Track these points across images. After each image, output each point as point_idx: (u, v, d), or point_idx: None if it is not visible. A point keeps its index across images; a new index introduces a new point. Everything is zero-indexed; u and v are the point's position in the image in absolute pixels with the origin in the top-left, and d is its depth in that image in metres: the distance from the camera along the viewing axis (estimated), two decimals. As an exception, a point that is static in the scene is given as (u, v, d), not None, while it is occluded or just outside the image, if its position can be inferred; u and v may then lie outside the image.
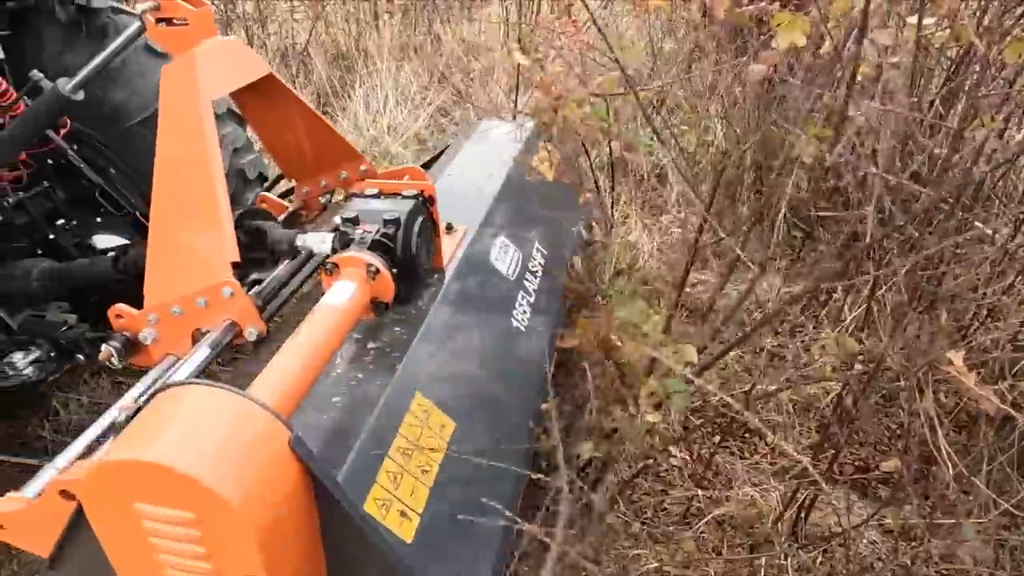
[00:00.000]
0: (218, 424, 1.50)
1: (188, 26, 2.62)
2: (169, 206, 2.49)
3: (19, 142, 3.06)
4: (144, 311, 2.39)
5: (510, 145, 3.58)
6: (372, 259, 2.20)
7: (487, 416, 2.35)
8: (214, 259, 2.34)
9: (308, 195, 3.28)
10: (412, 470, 2.01)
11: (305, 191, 3.26)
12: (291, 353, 1.89)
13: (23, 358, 2.91)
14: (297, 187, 3.30)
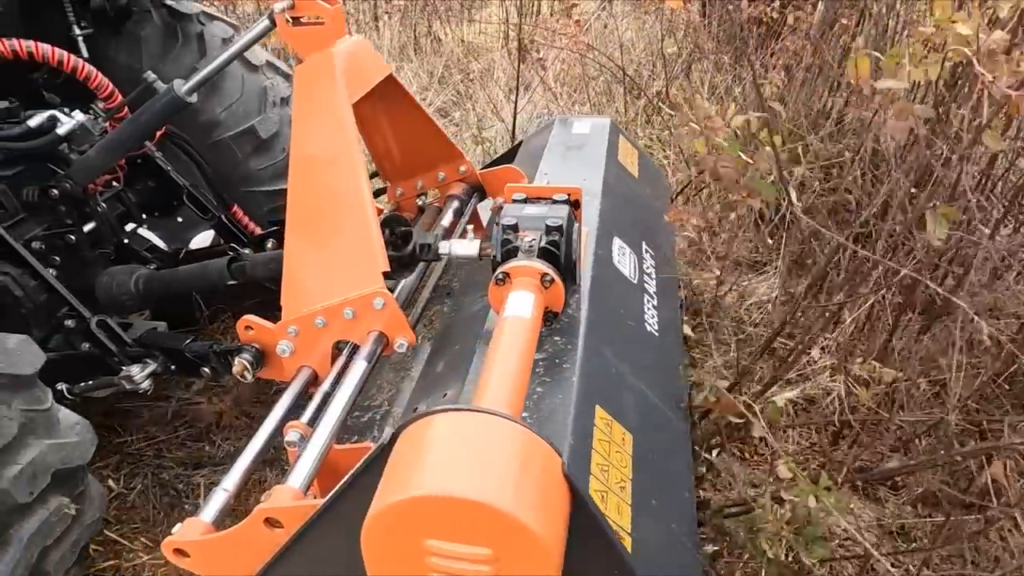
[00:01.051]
0: (505, 454, 1.38)
1: (324, 25, 2.48)
2: (309, 212, 2.37)
3: (131, 143, 2.99)
4: (282, 323, 2.27)
5: (594, 143, 3.47)
6: (546, 268, 2.09)
7: (653, 426, 2.25)
8: (364, 268, 2.22)
9: (403, 197, 3.15)
10: (613, 488, 1.90)
11: (400, 192, 3.14)
12: (503, 371, 1.77)
13: (140, 371, 2.79)
14: (391, 188, 3.17)
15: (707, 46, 7.13)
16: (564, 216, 2.21)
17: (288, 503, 1.75)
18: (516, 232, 2.19)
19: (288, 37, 2.57)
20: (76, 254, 3.09)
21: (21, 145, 2.92)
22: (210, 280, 2.98)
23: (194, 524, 1.86)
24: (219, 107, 3.65)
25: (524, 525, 1.26)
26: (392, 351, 2.25)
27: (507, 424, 1.41)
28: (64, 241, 3.07)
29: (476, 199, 3.23)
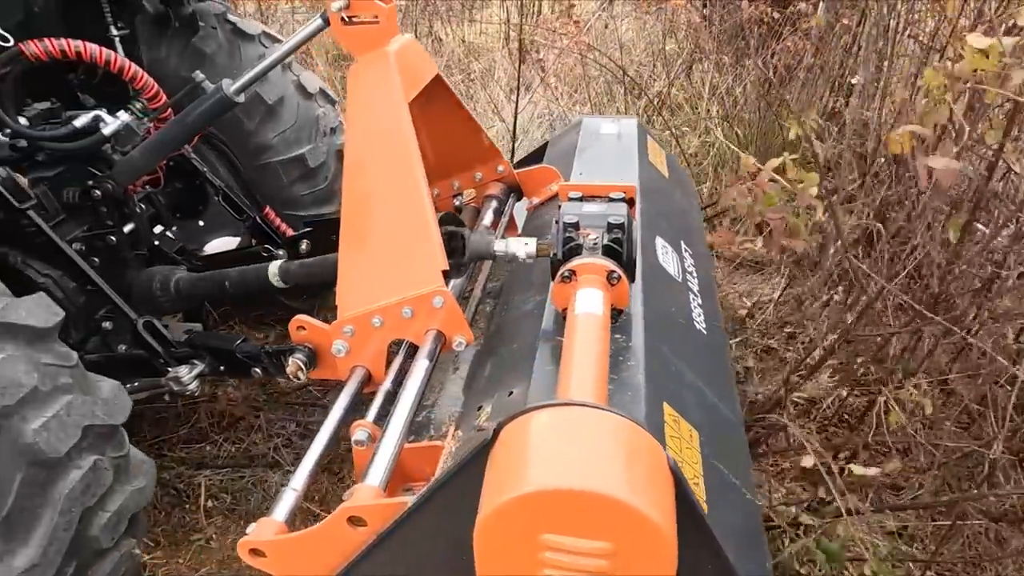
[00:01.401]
0: (616, 447, 1.39)
1: (378, 24, 2.49)
2: (366, 211, 2.38)
3: (176, 143, 3.03)
4: (338, 323, 2.27)
5: (625, 143, 3.49)
6: (613, 265, 2.10)
7: (714, 424, 2.26)
8: (423, 267, 2.23)
9: (439, 197, 3.15)
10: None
11: (436, 192, 3.13)
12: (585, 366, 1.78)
13: (188, 373, 2.80)
14: (427, 189, 3.18)
15: (708, 46, 7.18)
16: (624, 214, 2.22)
17: (372, 501, 1.75)
18: (577, 230, 2.20)
19: (341, 36, 2.58)
20: (116, 255, 3.11)
21: (67, 146, 2.94)
22: (259, 283, 3.00)
23: (268, 524, 1.87)
24: (272, 132, 3.75)
25: (647, 517, 1.28)
26: (450, 350, 2.26)
27: (614, 417, 1.43)
28: (104, 242, 3.08)
29: (514, 199, 3.24)
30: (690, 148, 6.49)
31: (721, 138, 6.45)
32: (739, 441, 2.36)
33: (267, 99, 3.76)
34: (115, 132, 3.00)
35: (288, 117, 3.81)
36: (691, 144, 6.55)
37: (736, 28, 7.14)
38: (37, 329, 2.16)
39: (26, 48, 2.88)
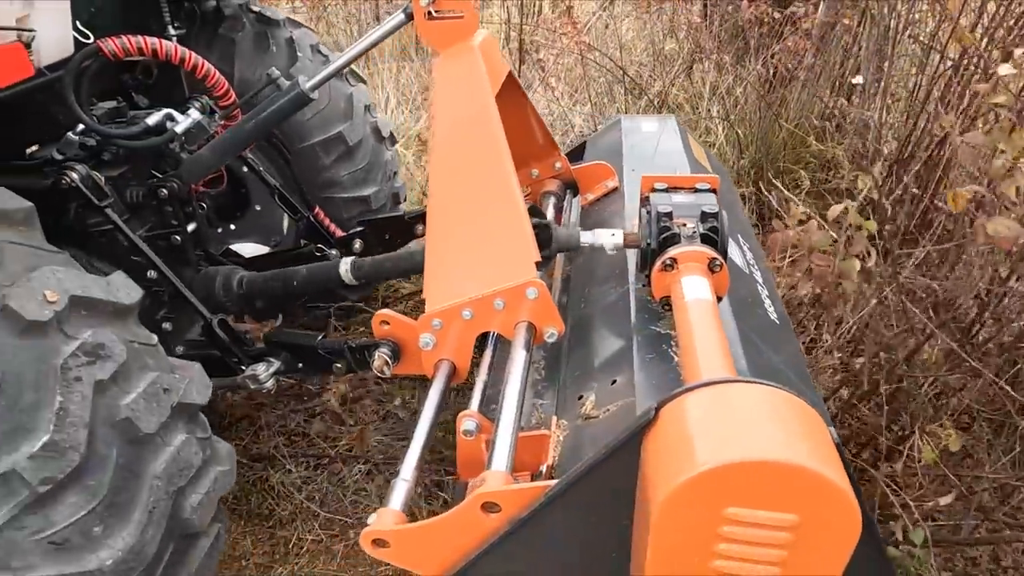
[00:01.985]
0: (790, 421, 1.43)
1: (463, 19, 2.54)
2: (456, 204, 2.41)
3: (248, 140, 3.09)
4: (426, 317, 2.27)
5: (669, 140, 3.56)
6: (714, 253, 2.15)
7: None
8: (516, 258, 2.24)
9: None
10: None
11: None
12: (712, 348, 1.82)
13: (266, 370, 2.83)
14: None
15: (708, 46, 7.27)
16: (716, 203, 2.28)
17: (507, 486, 1.77)
18: (671, 219, 2.25)
19: (425, 31, 2.63)
20: (180, 255, 3.16)
21: (139, 143, 2.97)
22: (328, 280, 3.03)
23: (387, 514, 1.88)
24: (309, 112, 3.74)
25: (834, 484, 1.31)
26: (541, 340, 2.27)
27: (779, 391, 1.47)
28: (168, 242, 3.13)
29: (570, 195, 3.29)
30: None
31: (722, 138, 6.53)
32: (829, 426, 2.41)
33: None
34: (186, 130, 3.02)
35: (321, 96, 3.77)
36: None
37: (736, 28, 7.23)
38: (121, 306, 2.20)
39: (104, 45, 2.89)
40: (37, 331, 1.93)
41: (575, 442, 2.05)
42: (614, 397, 2.09)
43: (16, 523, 1.84)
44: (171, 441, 2.16)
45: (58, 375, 1.93)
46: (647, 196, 2.44)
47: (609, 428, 1.99)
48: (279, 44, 3.87)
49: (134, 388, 2.09)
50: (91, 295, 2.10)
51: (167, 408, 2.15)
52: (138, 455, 2.06)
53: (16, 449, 1.84)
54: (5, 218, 2.12)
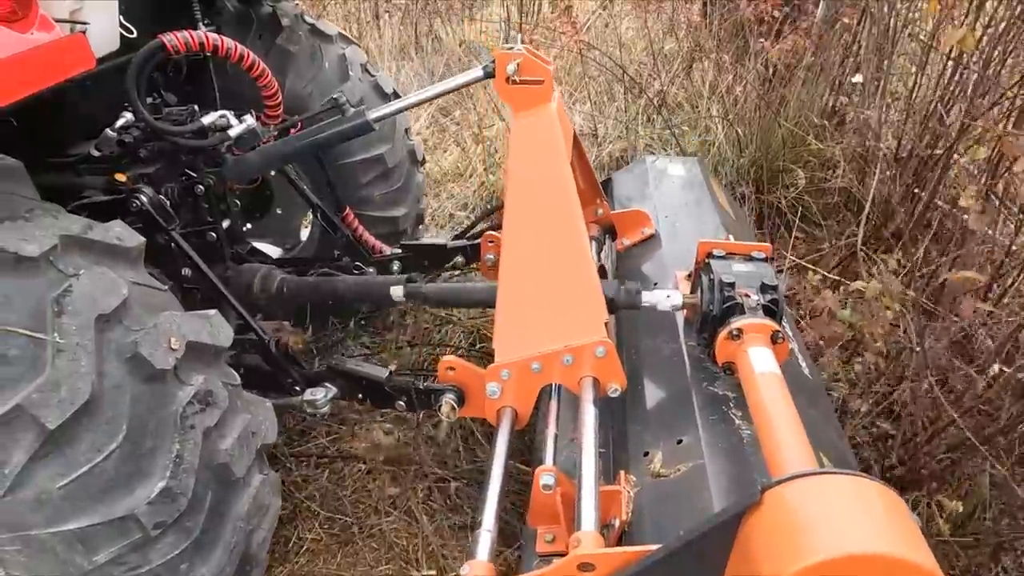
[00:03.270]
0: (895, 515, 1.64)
1: (542, 85, 2.74)
2: (529, 260, 2.66)
3: (300, 155, 3.32)
4: (495, 367, 2.50)
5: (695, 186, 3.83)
6: (778, 326, 2.41)
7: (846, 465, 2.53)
8: (588, 317, 2.49)
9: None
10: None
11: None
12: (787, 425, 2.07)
13: (324, 397, 2.98)
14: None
15: (707, 45, 7.46)
16: (774, 275, 2.55)
17: (604, 550, 1.98)
18: (734, 289, 2.51)
19: (505, 94, 2.86)
20: (215, 251, 3.30)
21: (193, 143, 3.09)
22: (376, 297, 3.27)
23: (478, 566, 2.06)
24: None
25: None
26: (604, 394, 2.50)
27: (876, 484, 1.68)
28: (204, 239, 3.26)
29: (610, 240, 3.56)
30: (690, 147, 6.75)
31: (721, 137, 6.74)
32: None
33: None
34: (240, 135, 3.14)
35: None
36: (691, 143, 6.82)
37: (736, 27, 7.42)
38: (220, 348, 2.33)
39: (167, 40, 2.92)
40: (160, 378, 2.06)
41: (648, 500, 2.28)
42: (682, 457, 2.34)
43: (118, 560, 1.96)
44: (252, 482, 2.32)
45: (176, 423, 2.07)
46: (707, 262, 2.68)
47: (682, 489, 2.24)
48: (331, 60, 4.00)
49: (231, 433, 2.23)
50: (201, 340, 2.23)
51: (254, 451, 2.30)
52: (226, 497, 2.20)
53: (133, 493, 1.97)
54: (126, 256, 2.25)
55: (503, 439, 2.48)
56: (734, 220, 3.81)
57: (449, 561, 3.49)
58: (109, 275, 2.09)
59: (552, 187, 2.71)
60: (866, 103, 6.65)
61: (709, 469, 2.24)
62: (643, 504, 2.28)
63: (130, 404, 1.99)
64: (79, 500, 1.90)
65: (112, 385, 1.97)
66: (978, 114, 4.36)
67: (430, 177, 6.61)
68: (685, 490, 2.23)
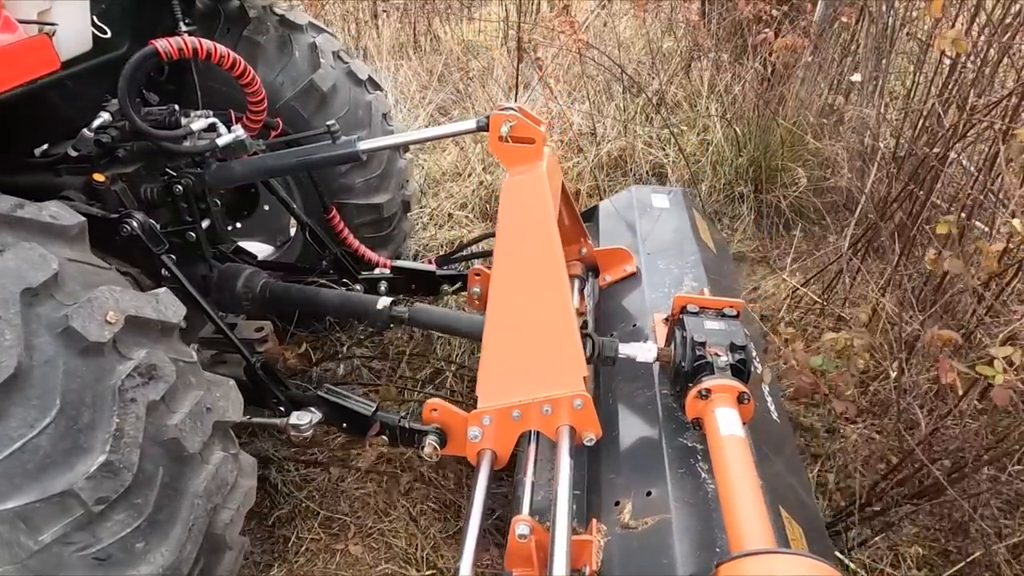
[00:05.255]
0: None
1: (534, 145, 2.88)
2: (514, 315, 2.82)
3: (284, 172, 3.45)
4: (478, 412, 2.69)
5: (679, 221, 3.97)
6: (744, 387, 2.56)
7: (806, 517, 2.69)
8: (567, 371, 2.66)
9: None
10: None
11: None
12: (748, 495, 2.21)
13: (309, 422, 3.07)
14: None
15: (706, 44, 7.54)
16: (743, 334, 2.69)
17: None
18: (705, 348, 2.66)
19: (498, 151, 2.97)
20: (194, 251, 3.38)
21: (180, 148, 3.16)
22: (360, 313, 3.40)
23: None
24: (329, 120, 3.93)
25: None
26: (580, 443, 2.68)
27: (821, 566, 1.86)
28: (183, 239, 3.34)
29: (592, 277, 3.72)
30: (688, 146, 6.87)
31: (720, 136, 6.85)
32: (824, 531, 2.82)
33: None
34: (227, 144, 3.19)
35: (341, 104, 4.05)
36: (689, 142, 6.95)
37: (734, 26, 7.49)
38: (166, 325, 2.31)
39: (160, 46, 2.92)
40: (96, 352, 2.03)
41: (616, 552, 2.43)
42: (651, 510, 2.49)
43: (65, 539, 1.92)
44: (210, 459, 2.30)
45: (115, 396, 2.03)
46: (680, 318, 2.83)
47: (648, 543, 2.39)
48: (302, 49, 3.98)
49: (181, 408, 2.20)
50: (144, 315, 2.21)
51: (209, 427, 2.28)
52: (181, 473, 2.19)
53: (72, 468, 1.93)
54: (62, 234, 2.23)
55: (482, 481, 2.65)
56: (715, 255, 3.94)
57: (448, 562, 3.60)
58: (38, 251, 2.05)
59: (539, 244, 2.85)
60: (864, 102, 6.74)
61: (675, 525, 2.39)
62: (611, 555, 2.44)
63: (63, 378, 1.96)
64: (15, 477, 1.87)
65: (43, 360, 1.95)
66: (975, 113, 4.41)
67: (430, 176, 6.75)
68: (651, 545, 2.39)
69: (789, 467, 2.86)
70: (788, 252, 5.76)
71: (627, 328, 3.36)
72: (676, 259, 3.67)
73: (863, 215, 5.01)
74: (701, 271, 3.57)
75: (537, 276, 2.83)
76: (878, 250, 5.16)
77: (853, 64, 7.11)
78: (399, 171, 4.50)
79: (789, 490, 2.72)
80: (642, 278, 3.62)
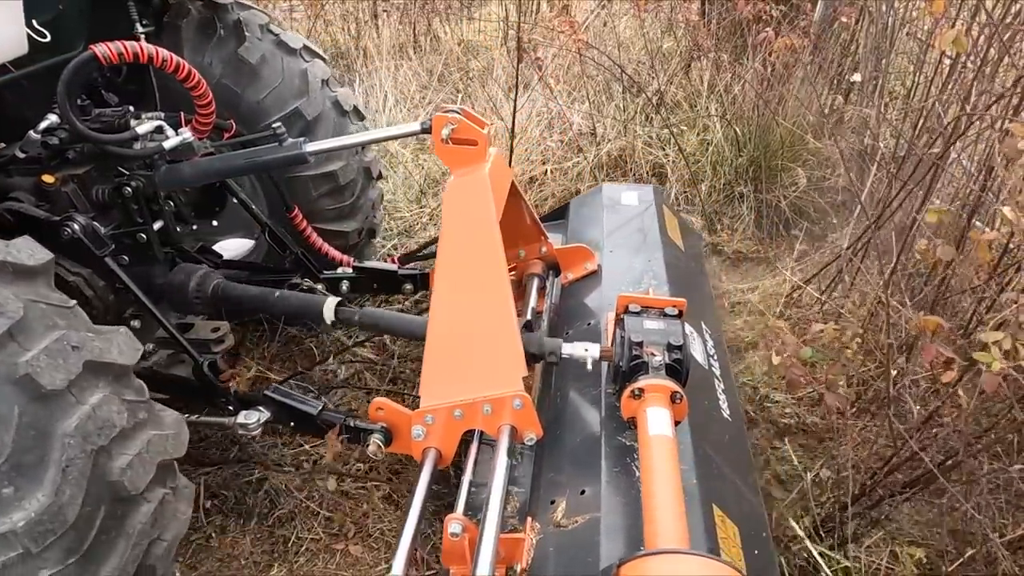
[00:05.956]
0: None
1: (476, 147, 2.88)
2: (455, 316, 2.82)
3: (232, 174, 3.41)
4: (420, 411, 2.70)
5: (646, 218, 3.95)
6: (676, 387, 2.56)
7: (746, 514, 2.68)
8: (507, 371, 2.66)
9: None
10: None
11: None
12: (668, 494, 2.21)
13: (256, 421, 3.08)
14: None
15: (706, 44, 7.50)
16: (682, 334, 2.69)
17: None
18: (642, 348, 2.65)
19: (441, 153, 2.97)
20: (146, 253, 3.37)
21: (126, 151, 3.16)
22: (308, 315, 3.40)
23: None
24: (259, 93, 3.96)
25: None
26: (521, 442, 2.69)
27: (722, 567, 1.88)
28: (134, 240, 3.33)
29: (553, 275, 3.72)
30: (688, 146, 6.84)
31: (720, 136, 6.82)
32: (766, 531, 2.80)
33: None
34: (174, 147, 3.20)
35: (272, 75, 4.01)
36: (689, 142, 6.91)
37: (734, 25, 7.45)
38: (122, 367, 2.33)
39: (99, 51, 2.87)
40: (52, 398, 2.05)
41: (545, 550, 2.44)
42: (582, 509, 2.49)
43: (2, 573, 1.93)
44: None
45: (67, 442, 2.04)
46: (622, 318, 2.82)
47: (576, 541, 2.40)
48: (227, 27, 3.92)
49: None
50: (102, 359, 2.23)
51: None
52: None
53: (15, 511, 1.96)
54: (27, 274, 2.22)
55: (424, 479, 2.66)
56: (682, 253, 3.92)
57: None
58: (2, 294, 2.08)
59: (480, 246, 2.85)
60: (864, 102, 6.70)
61: (603, 523, 2.39)
62: (541, 553, 2.44)
63: (16, 423, 1.98)
64: None
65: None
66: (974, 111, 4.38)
67: (430, 176, 6.75)
68: (578, 543, 2.39)
69: (734, 466, 2.84)
70: (788, 252, 5.74)
71: (582, 327, 3.36)
72: (638, 257, 3.66)
73: (863, 215, 4.97)
74: (662, 269, 3.56)
75: (478, 277, 2.83)
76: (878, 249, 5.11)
77: (853, 64, 7.07)
78: (371, 201, 4.59)
79: (729, 489, 2.70)
80: (602, 276, 3.62)
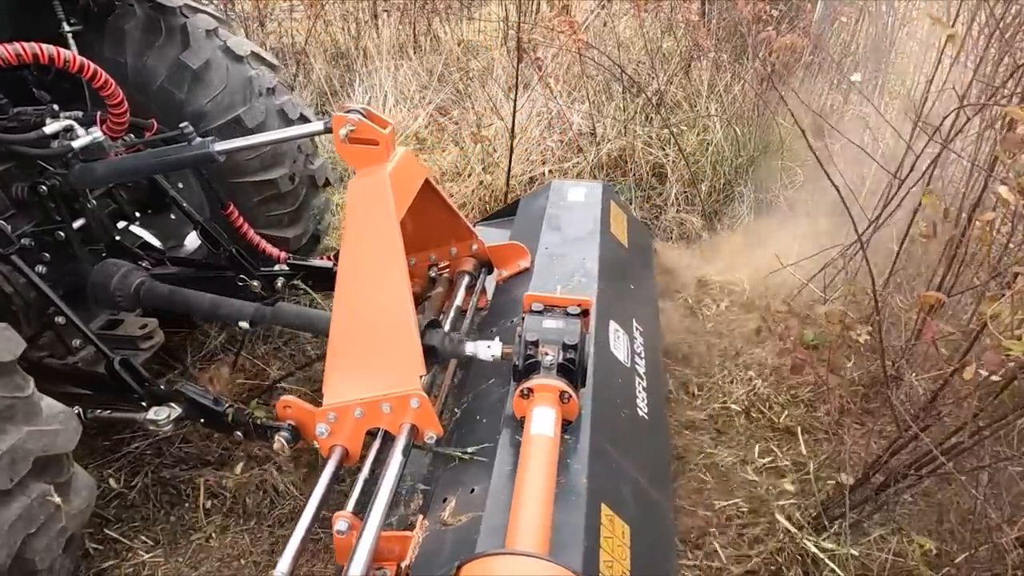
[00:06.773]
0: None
1: (378, 146, 2.87)
2: (356, 314, 2.82)
3: (145, 174, 3.41)
4: (324, 409, 2.71)
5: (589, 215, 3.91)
6: (565, 386, 2.53)
7: (645, 513, 2.67)
8: (404, 370, 2.67)
9: (415, 265, 3.62)
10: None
11: (413, 262, 3.59)
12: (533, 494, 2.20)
13: (167, 417, 3.07)
14: (405, 257, 3.58)
15: (705, 44, 7.43)
16: (579, 333, 2.65)
17: None
18: (537, 347, 2.63)
19: (343, 152, 2.94)
20: (66, 251, 3.38)
21: (33, 151, 3.17)
22: (227, 314, 3.42)
23: None
24: (203, 98, 3.95)
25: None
26: (422, 440, 2.69)
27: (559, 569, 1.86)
28: (54, 238, 3.34)
29: (485, 273, 3.71)
30: (688, 146, 6.78)
31: (720, 136, 6.75)
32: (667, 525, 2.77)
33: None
34: (85, 146, 3.20)
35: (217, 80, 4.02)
36: (690, 142, 6.86)
37: (734, 25, 7.38)
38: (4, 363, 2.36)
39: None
40: None
41: (428, 548, 2.42)
42: (468, 507, 2.47)
43: None
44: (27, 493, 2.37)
45: None
46: (523, 316, 2.80)
47: (455, 539, 2.37)
48: (172, 30, 3.91)
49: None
50: None
51: (27, 464, 2.32)
52: None
53: None
54: None
55: (324, 476, 2.68)
56: (624, 249, 3.88)
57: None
58: None
59: (380, 245, 2.83)
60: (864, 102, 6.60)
61: (484, 523, 2.36)
62: (424, 552, 2.42)
63: None
64: None
65: None
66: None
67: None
68: (457, 541, 2.36)
69: (640, 465, 2.80)
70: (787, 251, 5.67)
71: (506, 324, 3.33)
72: (573, 254, 3.63)
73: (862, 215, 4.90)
74: (595, 266, 3.52)
75: (378, 276, 2.82)
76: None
77: (853, 64, 6.97)
78: (316, 207, 4.58)
79: (627, 488, 2.67)
80: (533, 273, 3.59)
